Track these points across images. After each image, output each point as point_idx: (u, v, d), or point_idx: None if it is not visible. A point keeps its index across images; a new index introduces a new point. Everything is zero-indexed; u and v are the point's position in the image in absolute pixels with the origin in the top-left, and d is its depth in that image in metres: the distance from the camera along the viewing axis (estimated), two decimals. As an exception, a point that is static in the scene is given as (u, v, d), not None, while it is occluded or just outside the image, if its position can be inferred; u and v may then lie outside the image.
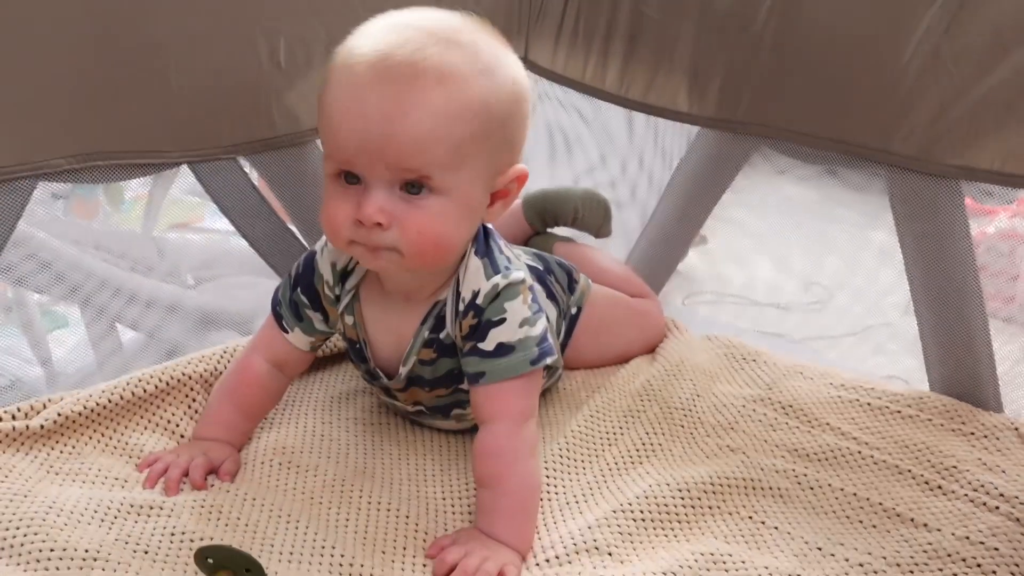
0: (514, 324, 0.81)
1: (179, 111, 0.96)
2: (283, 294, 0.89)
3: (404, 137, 0.72)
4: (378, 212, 0.74)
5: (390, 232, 0.75)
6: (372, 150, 0.73)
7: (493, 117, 0.76)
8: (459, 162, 0.75)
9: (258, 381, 0.90)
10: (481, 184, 0.78)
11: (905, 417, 1.01)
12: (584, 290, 1.09)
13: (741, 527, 0.85)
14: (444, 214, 0.76)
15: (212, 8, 0.95)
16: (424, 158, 0.73)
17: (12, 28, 0.83)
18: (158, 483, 0.82)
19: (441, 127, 0.73)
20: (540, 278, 1.03)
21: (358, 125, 0.73)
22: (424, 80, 0.72)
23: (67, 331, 1.15)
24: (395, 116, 0.72)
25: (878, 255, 1.16)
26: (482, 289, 0.81)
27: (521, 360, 0.81)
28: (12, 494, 0.76)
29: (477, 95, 0.74)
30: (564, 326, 1.07)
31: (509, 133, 0.78)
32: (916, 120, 1.00)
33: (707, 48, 1.13)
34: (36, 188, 0.88)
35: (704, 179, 1.20)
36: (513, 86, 0.78)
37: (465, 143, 0.74)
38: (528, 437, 0.82)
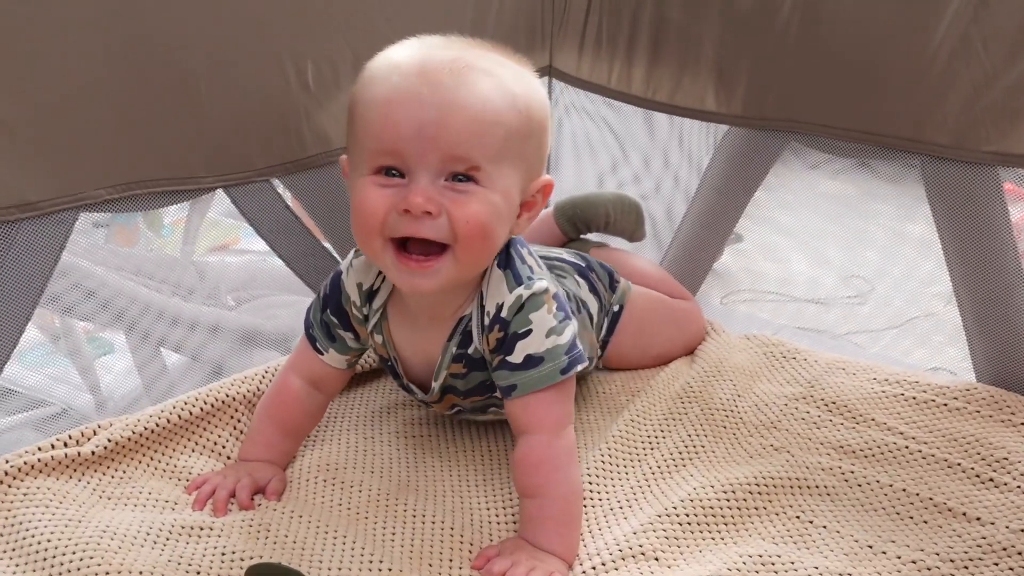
0: (541, 335, 0.81)
1: (213, 137, 0.98)
2: (314, 316, 0.90)
3: (460, 125, 0.73)
4: (427, 200, 0.73)
5: (438, 222, 0.74)
6: (427, 136, 0.73)
7: (533, 118, 0.78)
8: (505, 156, 0.76)
9: (296, 401, 0.91)
10: (518, 186, 0.79)
11: (952, 410, 1.00)
12: (625, 290, 1.10)
13: (789, 527, 0.84)
14: (491, 205, 0.76)
15: (240, 34, 0.97)
16: (478, 148, 0.74)
17: (51, 66, 0.85)
18: (207, 504, 0.84)
19: (494, 118, 0.75)
20: (582, 273, 1.04)
21: (413, 113, 0.73)
22: (474, 74, 0.74)
23: (113, 357, 1.17)
24: (452, 104, 0.73)
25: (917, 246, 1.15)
26: (506, 302, 0.81)
27: (551, 370, 0.81)
28: (67, 520, 0.78)
29: (520, 93, 0.77)
30: (606, 323, 1.07)
31: (542, 139, 0.80)
32: (948, 108, 0.99)
33: (732, 46, 1.13)
34: (78, 219, 0.90)
35: (735, 177, 1.19)
36: (543, 96, 0.81)
37: (512, 138, 0.76)
38: (565, 445, 0.82)
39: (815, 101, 1.08)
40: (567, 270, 1.04)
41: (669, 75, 1.19)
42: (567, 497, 0.81)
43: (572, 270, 1.05)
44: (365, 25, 1.07)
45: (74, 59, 0.86)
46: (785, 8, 1.07)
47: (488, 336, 0.83)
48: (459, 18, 1.17)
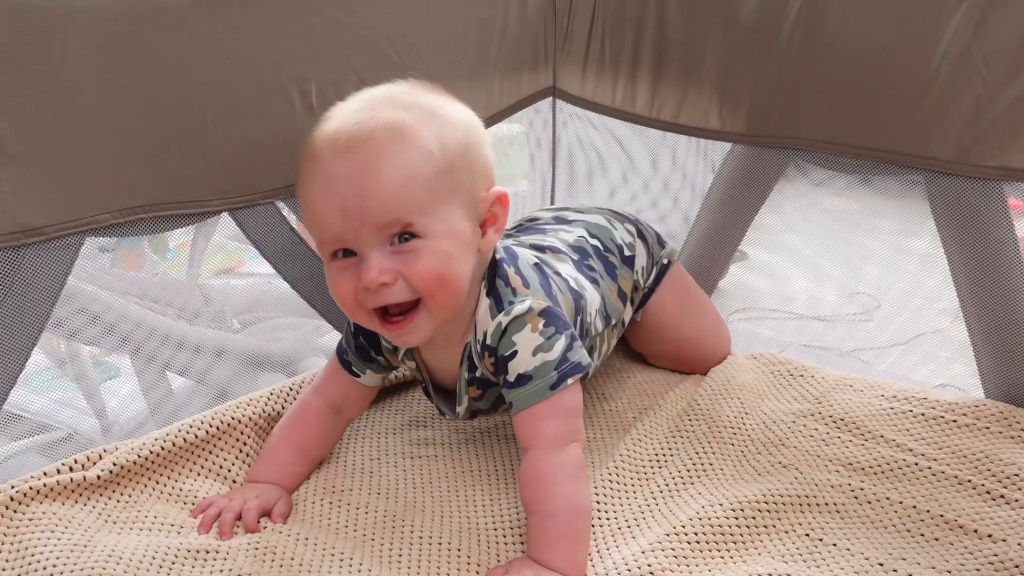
0: (526, 354, 0.83)
1: (218, 161, 0.98)
2: (347, 342, 0.93)
3: (376, 194, 0.76)
4: (379, 273, 0.77)
5: (397, 287, 0.79)
6: (353, 217, 0.77)
7: (450, 152, 0.80)
8: (434, 202, 0.78)
9: (317, 418, 0.93)
10: (464, 216, 0.81)
11: (961, 426, 0.99)
12: (673, 251, 1.13)
13: (799, 545, 0.84)
14: (439, 253, 0.79)
15: (244, 59, 0.98)
16: (401, 208, 0.77)
17: (56, 92, 0.86)
18: (212, 527, 0.83)
19: (406, 174, 0.77)
20: (634, 222, 1.10)
21: (333, 201, 0.77)
22: (377, 139, 0.77)
23: (119, 381, 1.17)
24: (362, 178, 0.76)
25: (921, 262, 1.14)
26: (489, 329, 0.84)
27: (540, 387, 0.82)
28: (72, 545, 0.77)
29: (430, 136, 0.79)
30: (655, 272, 1.09)
31: (472, 161, 0.82)
32: (951, 123, 0.99)
33: (734, 65, 1.13)
34: (84, 244, 0.91)
35: (740, 194, 1.19)
36: (461, 119, 0.83)
37: (433, 182, 0.78)
38: (567, 460, 0.82)
39: (818, 118, 1.08)
40: (620, 218, 1.09)
41: (673, 94, 1.20)
42: (568, 513, 0.81)
43: (626, 219, 1.10)
44: (368, 48, 1.08)
45: (79, 85, 0.87)
46: (787, 26, 1.07)
47: (484, 362, 0.86)
48: (462, 41, 1.18)
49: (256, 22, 0.98)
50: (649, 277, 1.09)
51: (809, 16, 1.06)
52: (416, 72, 1.13)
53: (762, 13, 1.09)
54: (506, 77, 1.25)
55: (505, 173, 1.61)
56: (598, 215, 1.08)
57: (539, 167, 1.44)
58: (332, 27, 1.04)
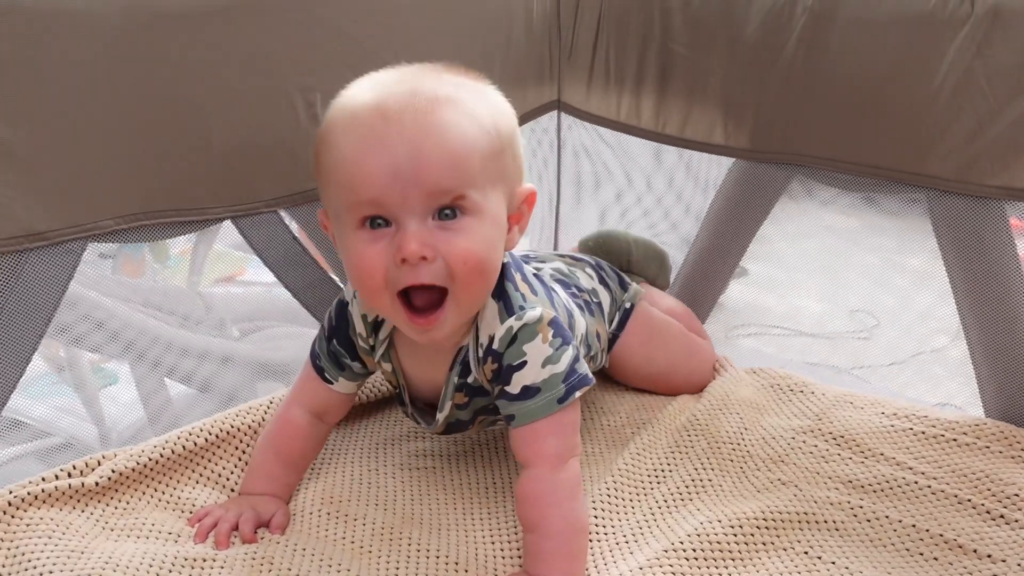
0: (536, 365, 0.80)
1: (221, 168, 0.98)
2: (320, 347, 0.90)
3: (436, 158, 0.72)
4: (421, 246, 0.72)
5: (435, 265, 0.73)
6: (405, 179, 0.71)
7: (503, 134, 0.77)
8: (486, 179, 0.75)
9: (300, 433, 0.91)
10: (503, 204, 0.78)
11: (962, 445, 0.99)
12: (637, 292, 1.12)
13: (797, 563, 0.83)
14: (482, 235, 0.75)
15: (248, 67, 0.98)
16: (459, 176, 0.73)
17: (60, 97, 0.86)
18: (208, 537, 0.83)
19: (468, 143, 0.73)
20: (595, 269, 1.08)
21: (385, 158, 0.71)
22: (437, 104, 0.73)
23: (117, 387, 1.17)
24: (422, 140, 0.71)
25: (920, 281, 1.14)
26: (497, 334, 0.80)
27: (548, 401, 0.80)
28: (69, 551, 0.77)
29: (486, 113, 0.76)
30: (618, 316, 1.08)
31: (515, 151, 0.79)
32: (952, 141, 0.99)
33: (738, 81, 1.14)
34: (86, 249, 0.91)
35: (741, 210, 1.20)
36: (507, 109, 0.80)
37: (488, 159, 0.75)
38: (566, 479, 0.81)
39: (820, 135, 1.09)
40: (579, 265, 1.07)
41: (678, 109, 1.20)
42: (568, 531, 0.80)
43: (585, 264, 1.08)
44: (373, 59, 1.07)
45: (83, 90, 0.87)
46: (790, 43, 1.08)
47: (483, 367, 0.82)
48: (467, 53, 1.18)
49: (262, 30, 0.98)
50: (612, 323, 1.08)
51: (812, 34, 1.06)
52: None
53: (766, 30, 1.10)
54: (511, 90, 1.23)
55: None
56: (558, 262, 1.06)
57: (546, 184, 1.45)
58: (337, 37, 1.04)
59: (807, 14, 1.07)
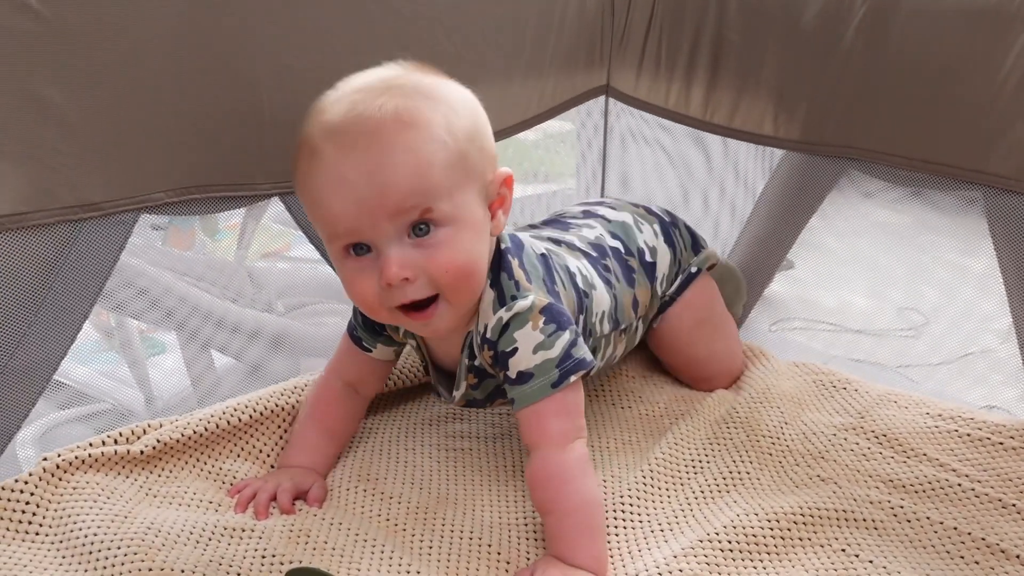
0: (527, 352, 0.81)
1: (271, 144, 0.99)
2: (356, 318, 0.93)
3: (394, 181, 0.74)
4: (401, 268, 0.75)
5: (419, 282, 0.77)
6: (371, 208, 0.74)
7: (459, 137, 0.77)
8: (451, 186, 0.76)
9: (340, 403, 0.93)
10: (477, 200, 0.79)
11: (1008, 449, 0.97)
12: (709, 257, 1.09)
13: (834, 560, 0.82)
14: (459, 241, 0.77)
15: (303, 44, 0.99)
16: (421, 193, 0.74)
17: (116, 69, 0.87)
18: (248, 507, 0.84)
19: (423, 160, 0.74)
20: (664, 226, 1.07)
21: (346, 194, 0.74)
22: (386, 127, 0.74)
23: (164, 356, 1.20)
24: (377, 166, 0.73)
25: (975, 280, 1.12)
26: (489, 323, 0.83)
27: (541, 385, 0.81)
28: (114, 515, 0.79)
29: (438, 121, 0.76)
30: (680, 280, 1.07)
31: (479, 144, 0.80)
32: (1015, 139, 0.96)
33: (793, 70, 1.12)
34: (137, 221, 0.92)
35: (790, 203, 1.18)
36: (464, 103, 0.80)
37: (448, 167, 0.76)
38: (574, 458, 0.81)
39: (876, 128, 1.06)
40: (649, 219, 1.06)
41: (728, 98, 1.18)
42: (581, 509, 0.80)
43: (655, 219, 1.07)
44: (426, 39, 1.08)
45: (139, 63, 0.88)
46: (849, 32, 1.06)
47: (482, 354, 0.85)
48: (519, 37, 1.18)
49: (319, 8, 0.99)
50: (672, 285, 1.06)
51: (873, 23, 1.04)
52: (473, 66, 1.13)
53: (824, 18, 1.08)
54: (561, 74, 1.24)
55: (554, 171, 1.60)
56: (627, 213, 1.06)
57: (589, 165, 1.44)
58: (391, 16, 1.04)
59: (867, 4, 1.04)
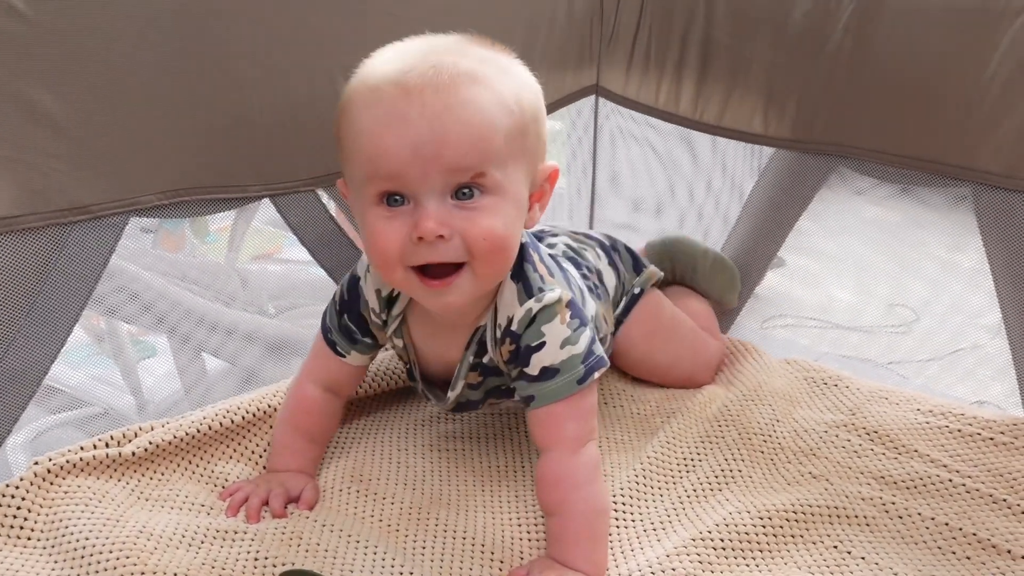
0: (555, 346, 0.80)
1: (261, 146, 0.99)
2: (331, 321, 0.89)
3: (457, 135, 0.71)
4: (439, 224, 0.72)
5: (452, 243, 0.73)
6: (426, 155, 0.71)
7: (526, 111, 0.75)
8: (508, 156, 0.74)
9: (318, 408, 0.91)
10: (525, 182, 0.77)
11: (998, 444, 0.97)
12: (650, 277, 1.09)
13: (826, 556, 0.83)
14: (502, 214, 0.74)
15: (291, 45, 0.99)
16: (480, 153, 0.72)
17: (109, 73, 0.87)
18: (240, 511, 0.84)
19: (490, 120, 0.72)
20: (604, 249, 1.05)
21: (406, 133, 0.71)
22: (459, 80, 0.72)
23: (155, 360, 1.19)
24: (443, 117, 0.70)
25: (964, 276, 1.13)
26: (516, 315, 0.80)
27: (567, 382, 0.80)
28: (105, 519, 0.79)
29: (509, 90, 0.74)
30: (624, 301, 1.06)
31: (539, 128, 0.78)
32: (1003, 136, 0.97)
33: (781, 69, 1.12)
34: (128, 223, 0.92)
35: (781, 201, 1.18)
36: (532, 84, 0.79)
37: (510, 137, 0.74)
38: (586, 463, 0.81)
39: (865, 126, 1.07)
40: (589, 243, 1.05)
41: (717, 96, 1.19)
42: (587, 514, 0.80)
43: (595, 244, 1.05)
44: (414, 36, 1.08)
45: (128, 65, 0.88)
46: (837, 32, 1.06)
47: (501, 348, 0.82)
48: (508, 36, 1.17)
49: (306, 7, 0.99)
50: (618, 307, 1.06)
51: (860, 22, 1.04)
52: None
53: (812, 18, 1.08)
54: (550, 74, 1.24)
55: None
56: (567, 237, 1.04)
57: (580, 164, 1.44)
58: (380, 16, 1.04)
59: (855, 3, 1.05)
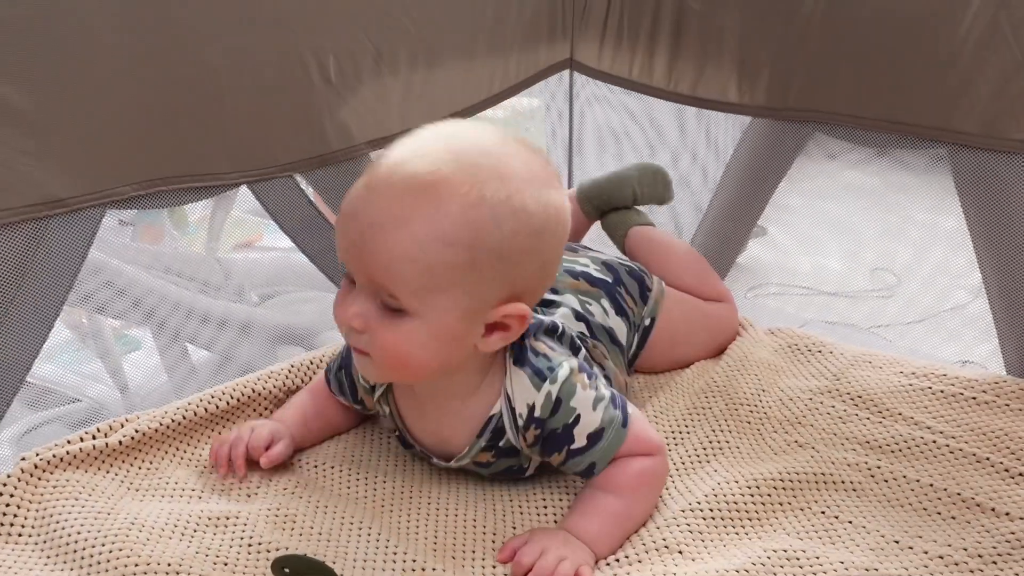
0: (589, 412, 0.80)
1: (235, 132, 0.99)
2: (333, 364, 0.92)
3: (377, 252, 0.71)
4: (355, 316, 0.74)
5: (364, 337, 0.75)
6: (354, 256, 0.74)
7: (486, 250, 0.72)
8: (431, 288, 0.72)
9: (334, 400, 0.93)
10: (462, 314, 0.74)
11: (981, 403, 0.98)
12: (658, 298, 1.05)
13: (814, 522, 0.83)
14: (413, 337, 0.74)
15: (261, 30, 0.98)
16: (392, 277, 0.72)
17: (75, 63, 0.86)
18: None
19: (415, 249, 0.71)
20: (610, 292, 1.00)
21: (347, 230, 0.74)
22: (414, 198, 0.71)
23: (140, 353, 1.19)
24: (374, 229, 0.71)
25: (945, 238, 1.13)
26: (537, 402, 0.79)
27: (616, 436, 0.80)
28: (96, 512, 0.79)
29: (470, 222, 0.71)
30: (636, 339, 1.04)
31: (508, 269, 0.74)
32: (977, 95, 0.97)
33: (754, 37, 1.12)
34: (104, 215, 0.91)
35: (759, 169, 1.19)
36: (530, 221, 0.73)
37: (441, 270, 0.71)
38: (662, 467, 0.83)
39: (840, 91, 1.07)
40: (594, 294, 0.99)
41: (691, 67, 1.18)
42: (636, 513, 0.81)
43: (600, 292, 1.00)
44: (385, 19, 1.07)
45: (96, 56, 0.87)
46: (809, -3, 1.06)
47: (524, 435, 0.82)
48: (479, 12, 1.17)
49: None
50: (632, 345, 1.03)
51: (832, -13, 1.04)
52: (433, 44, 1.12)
53: (784, -16, 1.08)
54: (524, 50, 1.24)
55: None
56: (569, 295, 0.97)
57: (560, 141, 1.44)
58: (348, -2, 1.04)
59: (827, -34, 1.05)
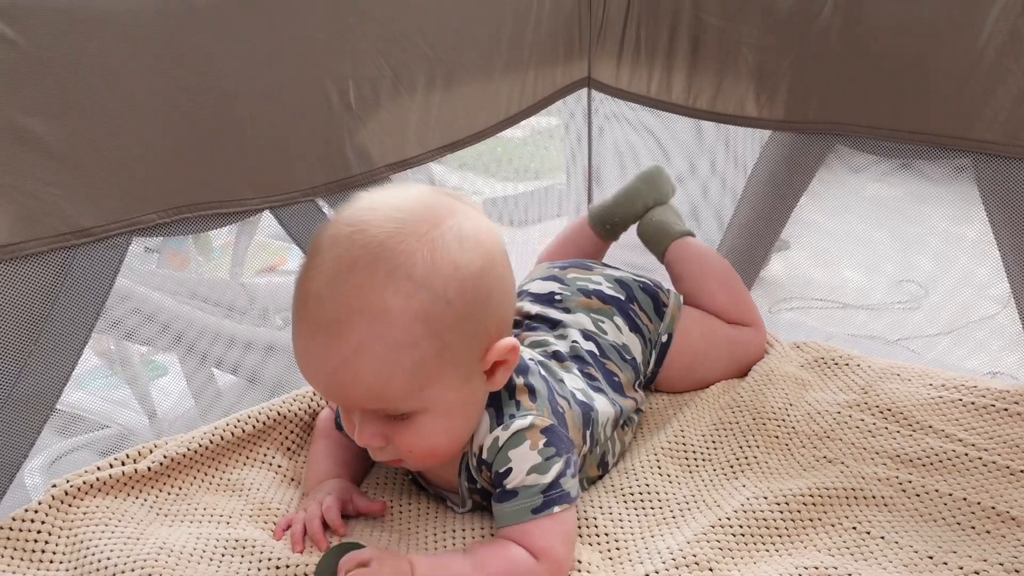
0: (520, 472, 0.77)
1: (257, 159, 1.00)
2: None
3: (351, 387, 0.72)
4: (371, 438, 0.76)
5: (390, 448, 0.77)
6: (335, 398, 0.76)
7: (446, 326, 0.72)
8: (419, 387, 0.73)
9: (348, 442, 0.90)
10: (460, 386, 0.75)
11: (1013, 415, 0.97)
12: (674, 314, 1.04)
13: (845, 539, 0.82)
14: (430, 430, 0.75)
15: (281, 56, 0.99)
16: (379, 400, 0.73)
17: (100, 95, 0.87)
18: (305, 542, 0.81)
19: (383, 370, 0.71)
20: (623, 309, 1.00)
21: (315, 375, 0.74)
22: (351, 327, 0.70)
23: (168, 379, 1.20)
24: (338, 369, 0.71)
25: (969, 247, 1.12)
26: (485, 443, 0.79)
27: (521, 508, 0.77)
28: (125, 538, 0.79)
29: (416, 314, 0.71)
30: (654, 356, 1.03)
31: (476, 323, 0.74)
32: (999, 104, 0.97)
33: (772, 50, 1.12)
34: (131, 243, 0.93)
35: (780, 183, 1.18)
36: (468, 271, 0.73)
37: (417, 369, 0.72)
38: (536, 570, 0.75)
39: (859, 102, 1.07)
40: (607, 311, 1.00)
41: (709, 82, 1.18)
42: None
43: (613, 310, 1.00)
44: (402, 42, 1.08)
45: (118, 87, 0.88)
46: (826, 10, 1.06)
47: (482, 475, 0.82)
48: (496, 34, 1.18)
49: (291, 18, 0.99)
50: (649, 363, 1.03)
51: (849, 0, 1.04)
52: (451, 66, 1.13)
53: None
54: (541, 69, 1.24)
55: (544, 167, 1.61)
56: (581, 315, 0.99)
57: (579, 161, 1.44)
58: (366, 22, 1.05)
59: (843, -21, 1.05)
